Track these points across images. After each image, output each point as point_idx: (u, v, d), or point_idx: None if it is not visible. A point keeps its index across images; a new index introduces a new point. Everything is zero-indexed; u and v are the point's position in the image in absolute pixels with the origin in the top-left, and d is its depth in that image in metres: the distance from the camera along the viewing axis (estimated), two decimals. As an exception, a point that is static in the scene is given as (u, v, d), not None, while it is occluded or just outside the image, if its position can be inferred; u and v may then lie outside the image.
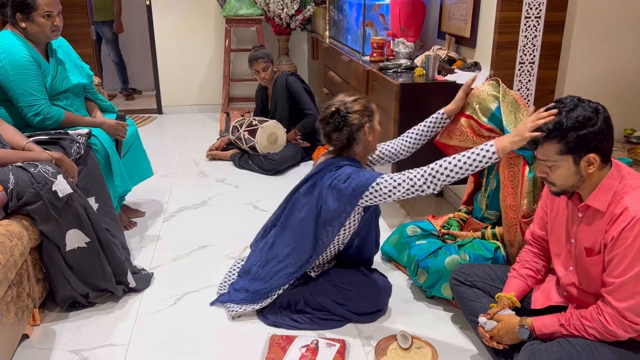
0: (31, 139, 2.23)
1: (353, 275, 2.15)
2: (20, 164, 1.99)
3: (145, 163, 3.10)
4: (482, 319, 1.74)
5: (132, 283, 2.29)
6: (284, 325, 2.11)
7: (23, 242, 1.88)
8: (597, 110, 1.48)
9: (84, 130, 2.40)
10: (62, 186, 1.99)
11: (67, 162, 2.17)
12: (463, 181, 2.56)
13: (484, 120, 2.15)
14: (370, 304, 2.14)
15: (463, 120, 2.23)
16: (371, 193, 1.92)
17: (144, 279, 2.39)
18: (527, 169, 2.09)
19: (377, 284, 2.17)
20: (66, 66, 2.59)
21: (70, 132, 2.36)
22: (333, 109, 2.01)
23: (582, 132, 1.46)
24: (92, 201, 2.26)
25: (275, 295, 2.13)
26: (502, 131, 2.12)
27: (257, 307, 2.15)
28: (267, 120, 3.89)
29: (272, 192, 3.42)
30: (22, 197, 1.94)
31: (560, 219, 1.70)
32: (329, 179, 2.01)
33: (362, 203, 1.96)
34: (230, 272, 2.42)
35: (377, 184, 1.92)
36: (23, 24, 2.39)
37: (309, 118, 3.94)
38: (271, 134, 3.86)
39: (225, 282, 2.36)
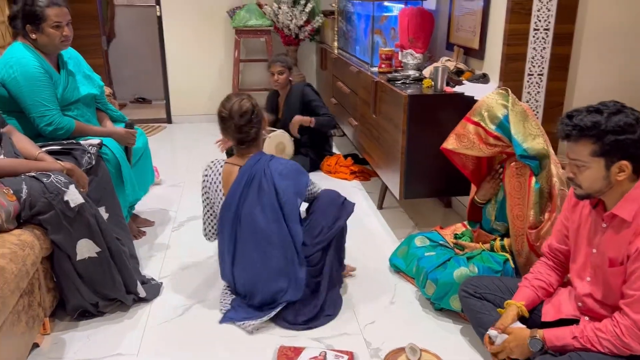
0: (43, 149, 2.26)
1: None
2: (33, 173, 2.02)
3: (151, 170, 3.14)
4: (492, 332, 1.73)
5: (142, 293, 2.30)
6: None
7: (35, 252, 1.90)
8: (638, 119, 1.47)
9: (96, 141, 2.43)
10: (74, 196, 2.01)
11: (78, 173, 2.19)
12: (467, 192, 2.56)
13: (492, 127, 2.15)
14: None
15: (471, 127, 2.22)
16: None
17: (153, 289, 2.40)
18: (533, 179, 2.08)
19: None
20: (77, 77, 2.62)
21: (81, 142, 2.38)
22: (249, 105, 2.21)
23: (621, 138, 1.44)
24: (102, 211, 2.28)
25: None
26: (509, 140, 2.12)
27: (267, 318, 2.16)
28: (275, 130, 3.91)
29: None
30: (34, 206, 1.96)
31: (582, 229, 1.68)
32: (276, 167, 2.22)
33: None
34: (224, 293, 2.39)
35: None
36: (33, 36, 2.42)
37: (327, 117, 3.95)
38: (279, 144, 3.87)
39: (224, 300, 2.35)
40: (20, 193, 1.94)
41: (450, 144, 2.31)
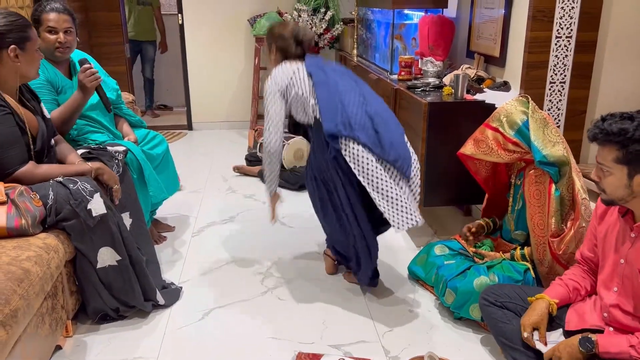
0: None
1: None
2: (60, 179, 2.05)
3: (175, 177, 3.14)
4: (540, 346, 1.71)
5: (161, 301, 2.32)
6: None
7: (59, 255, 1.93)
8: None
9: (121, 147, 2.46)
10: (97, 205, 2.04)
11: (107, 171, 2.22)
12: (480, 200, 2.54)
13: (511, 133, 2.14)
14: None
15: (490, 133, 2.22)
16: None
17: (173, 294, 2.43)
18: (553, 187, 2.06)
19: None
20: None
21: (108, 148, 2.41)
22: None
23: None
24: (126, 216, 2.32)
25: None
26: (528, 147, 2.11)
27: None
28: (293, 137, 3.93)
29: (298, 208, 3.44)
30: (59, 213, 2.00)
31: (609, 239, 1.66)
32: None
33: None
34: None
35: None
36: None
37: None
38: (297, 150, 3.90)
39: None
40: (47, 199, 1.98)
41: (468, 149, 2.30)
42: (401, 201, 2.15)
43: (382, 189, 2.14)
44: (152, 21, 5.97)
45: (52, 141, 2.23)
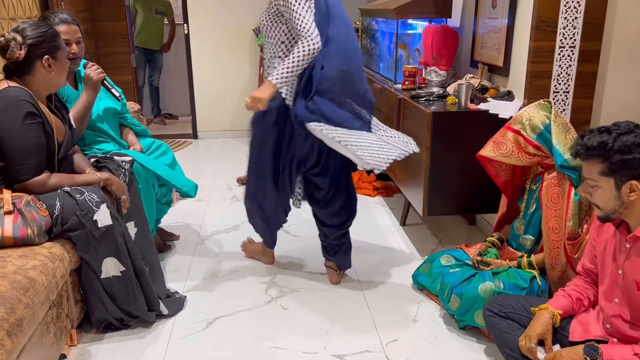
0: None
1: None
2: (68, 189, 2.07)
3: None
4: (542, 357, 1.70)
5: (165, 311, 2.33)
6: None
7: (64, 265, 1.95)
8: None
9: (128, 157, 2.48)
10: (103, 216, 2.05)
11: (116, 182, 2.25)
12: (496, 209, 2.54)
13: (532, 136, 2.15)
14: None
15: (510, 135, 2.22)
16: None
17: (177, 303, 2.43)
18: (573, 190, 2.07)
19: None
20: None
21: (115, 157, 2.43)
22: None
23: (628, 157, 1.45)
24: (131, 226, 2.33)
25: None
26: (549, 151, 2.11)
27: None
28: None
29: (302, 217, 3.44)
30: (66, 223, 2.01)
31: (607, 250, 1.67)
32: None
33: None
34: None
35: None
36: None
37: None
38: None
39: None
40: (54, 209, 2.00)
41: (488, 151, 2.30)
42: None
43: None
44: (162, 30, 6.10)
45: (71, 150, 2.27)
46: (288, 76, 2.15)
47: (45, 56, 2.04)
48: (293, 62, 2.13)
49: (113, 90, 2.61)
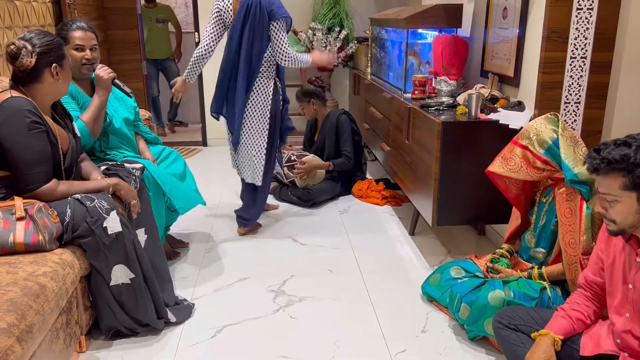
0: None
1: None
2: (78, 197, 2.08)
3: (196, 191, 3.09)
4: None
5: (173, 318, 2.33)
6: None
7: (75, 271, 1.96)
8: None
9: (138, 164, 2.50)
10: (113, 223, 2.06)
11: (125, 187, 2.26)
12: (506, 220, 2.53)
13: (540, 151, 2.14)
14: None
15: (518, 150, 2.21)
16: None
17: (185, 310, 2.43)
18: (584, 205, 2.05)
19: None
20: (111, 101, 2.70)
21: (126, 165, 2.45)
22: None
23: None
24: (141, 232, 2.34)
25: None
26: (558, 165, 2.10)
27: None
28: (306, 154, 3.95)
29: (311, 225, 3.45)
30: (76, 230, 2.02)
31: (617, 263, 1.64)
32: None
33: None
34: None
35: None
36: None
37: (345, 159, 3.98)
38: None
39: None
40: (64, 216, 2.01)
41: (497, 167, 2.29)
42: None
43: None
44: (168, 38, 6.12)
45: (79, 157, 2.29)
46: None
47: (54, 64, 2.06)
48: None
49: (125, 88, 2.66)
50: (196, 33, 5.34)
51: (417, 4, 4.35)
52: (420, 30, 3.70)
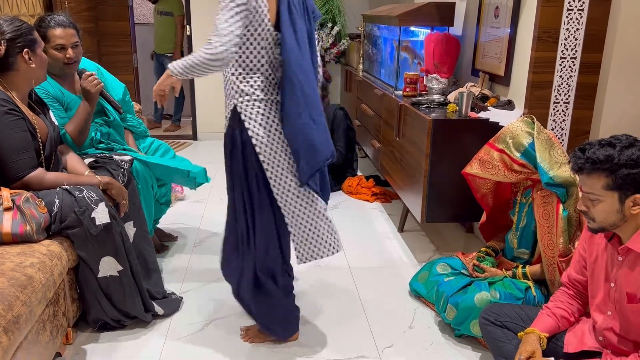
0: None
1: None
2: (67, 187, 2.07)
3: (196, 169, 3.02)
4: None
5: (160, 311, 2.33)
6: None
7: (62, 263, 1.95)
8: None
9: (127, 157, 2.48)
10: (101, 214, 2.05)
11: (116, 187, 2.24)
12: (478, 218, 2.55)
13: (517, 155, 2.16)
14: None
15: (496, 154, 2.23)
16: None
17: (173, 303, 2.43)
18: (561, 207, 2.07)
19: None
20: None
21: (114, 157, 2.43)
22: None
23: (634, 171, 1.44)
24: (130, 225, 2.33)
25: None
26: (534, 167, 2.11)
27: None
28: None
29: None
30: (64, 220, 2.01)
31: (599, 262, 1.66)
32: None
33: None
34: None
35: None
36: None
37: (337, 154, 3.98)
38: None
39: None
40: (52, 206, 2.00)
41: (474, 169, 2.32)
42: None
43: None
44: (173, 33, 5.80)
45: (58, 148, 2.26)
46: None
47: (25, 49, 2.02)
48: (196, 65, 1.95)
49: (113, 100, 2.58)
50: (188, 26, 5.30)
51: (409, 2, 4.36)
52: (412, 28, 3.71)
